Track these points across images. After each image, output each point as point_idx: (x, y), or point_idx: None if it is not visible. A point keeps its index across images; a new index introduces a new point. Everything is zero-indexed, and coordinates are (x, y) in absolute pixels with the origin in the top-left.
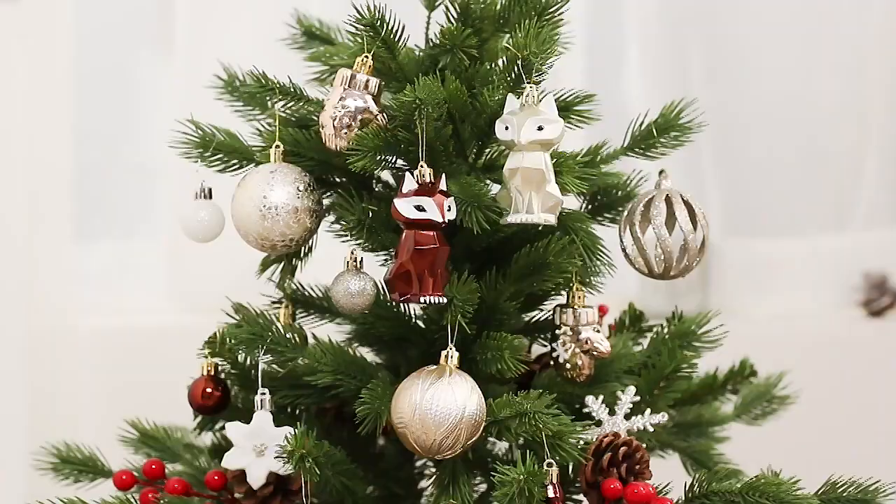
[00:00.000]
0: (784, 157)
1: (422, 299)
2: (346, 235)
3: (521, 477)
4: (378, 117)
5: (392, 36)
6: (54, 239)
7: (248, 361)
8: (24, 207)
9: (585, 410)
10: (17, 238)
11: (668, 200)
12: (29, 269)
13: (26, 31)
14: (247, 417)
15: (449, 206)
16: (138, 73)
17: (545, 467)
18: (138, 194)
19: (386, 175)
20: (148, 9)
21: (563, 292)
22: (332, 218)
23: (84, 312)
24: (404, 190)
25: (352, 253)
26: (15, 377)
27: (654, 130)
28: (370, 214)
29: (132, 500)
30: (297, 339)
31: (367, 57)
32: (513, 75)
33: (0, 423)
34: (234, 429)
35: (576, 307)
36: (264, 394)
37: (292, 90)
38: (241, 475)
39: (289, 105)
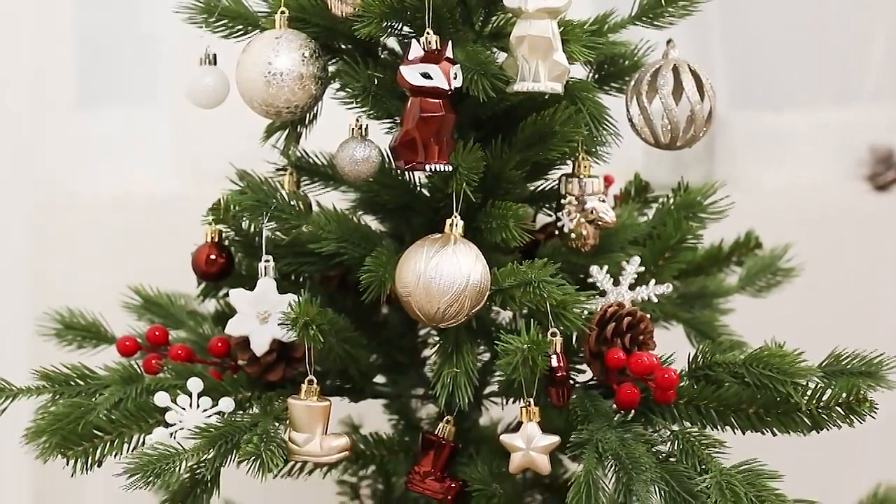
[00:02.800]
0: (792, 29)
1: (427, 167)
2: (352, 103)
3: (525, 346)
4: None
5: None
6: (58, 107)
7: (252, 228)
8: (28, 75)
9: (590, 280)
10: (20, 107)
11: (676, 70)
12: (32, 138)
13: None
14: (250, 284)
15: (455, 74)
16: None
17: (549, 337)
18: (142, 61)
19: (392, 42)
20: None
21: (569, 162)
22: (337, 85)
23: (88, 180)
24: (410, 57)
25: (357, 120)
26: (18, 244)
27: None
28: (375, 82)
29: (135, 365)
30: (302, 206)
31: None
32: None
33: (3, 289)
34: (237, 295)
35: (581, 177)
36: (268, 261)
37: None
38: (245, 342)
39: None
